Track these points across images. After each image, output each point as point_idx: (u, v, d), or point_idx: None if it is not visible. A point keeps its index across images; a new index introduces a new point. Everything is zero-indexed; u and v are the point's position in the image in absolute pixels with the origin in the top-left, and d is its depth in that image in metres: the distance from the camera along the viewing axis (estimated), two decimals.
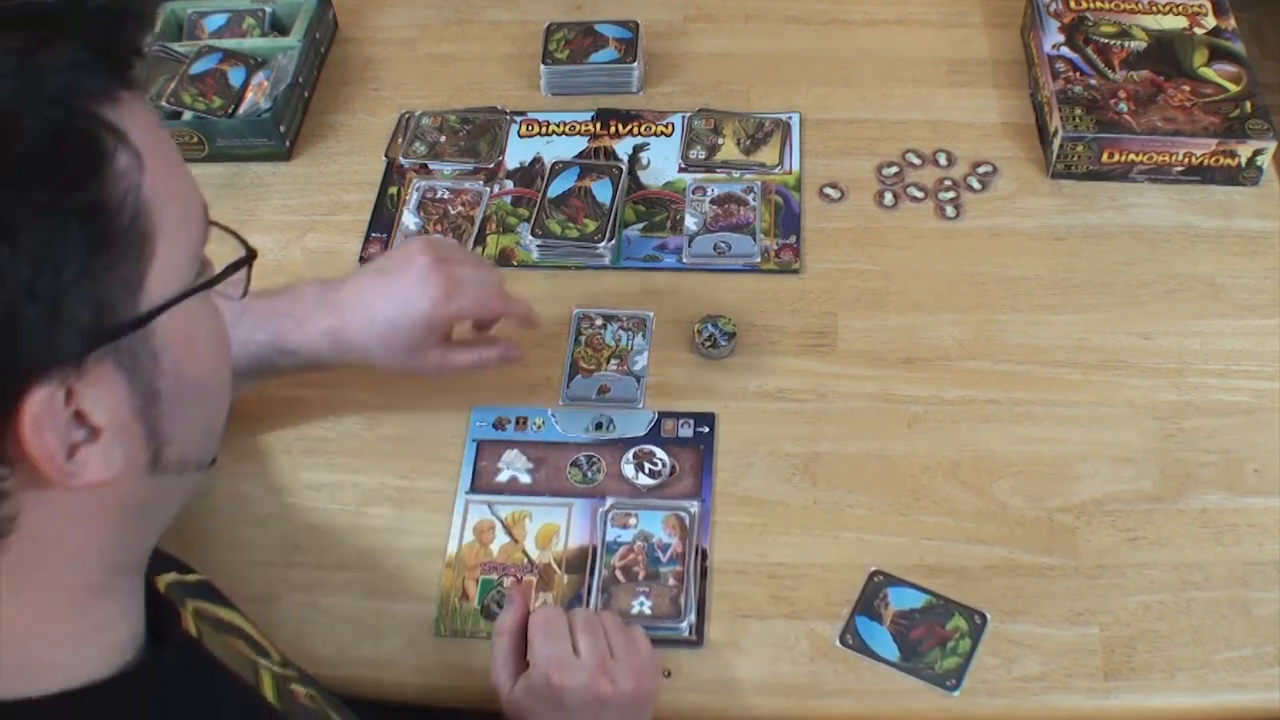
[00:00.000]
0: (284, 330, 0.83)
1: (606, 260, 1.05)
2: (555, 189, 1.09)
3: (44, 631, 0.51)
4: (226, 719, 0.59)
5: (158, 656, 0.56)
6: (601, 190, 1.08)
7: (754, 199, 1.09)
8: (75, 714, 0.51)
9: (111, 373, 0.48)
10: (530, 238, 1.05)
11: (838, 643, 0.82)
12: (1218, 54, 1.12)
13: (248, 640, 0.69)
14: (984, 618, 0.82)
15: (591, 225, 1.06)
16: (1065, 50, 1.14)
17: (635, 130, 1.16)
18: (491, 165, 1.15)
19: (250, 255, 0.57)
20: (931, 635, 0.82)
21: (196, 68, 1.18)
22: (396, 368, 0.85)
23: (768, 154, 1.14)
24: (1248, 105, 1.07)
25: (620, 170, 1.10)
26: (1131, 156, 1.07)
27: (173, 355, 0.51)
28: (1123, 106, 1.08)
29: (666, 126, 1.17)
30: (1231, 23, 1.16)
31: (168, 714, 0.55)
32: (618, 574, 0.85)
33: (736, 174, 1.12)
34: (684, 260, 1.05)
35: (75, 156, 0.46)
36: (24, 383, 0.44)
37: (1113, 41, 1.14)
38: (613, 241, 1.05)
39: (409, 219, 1.09)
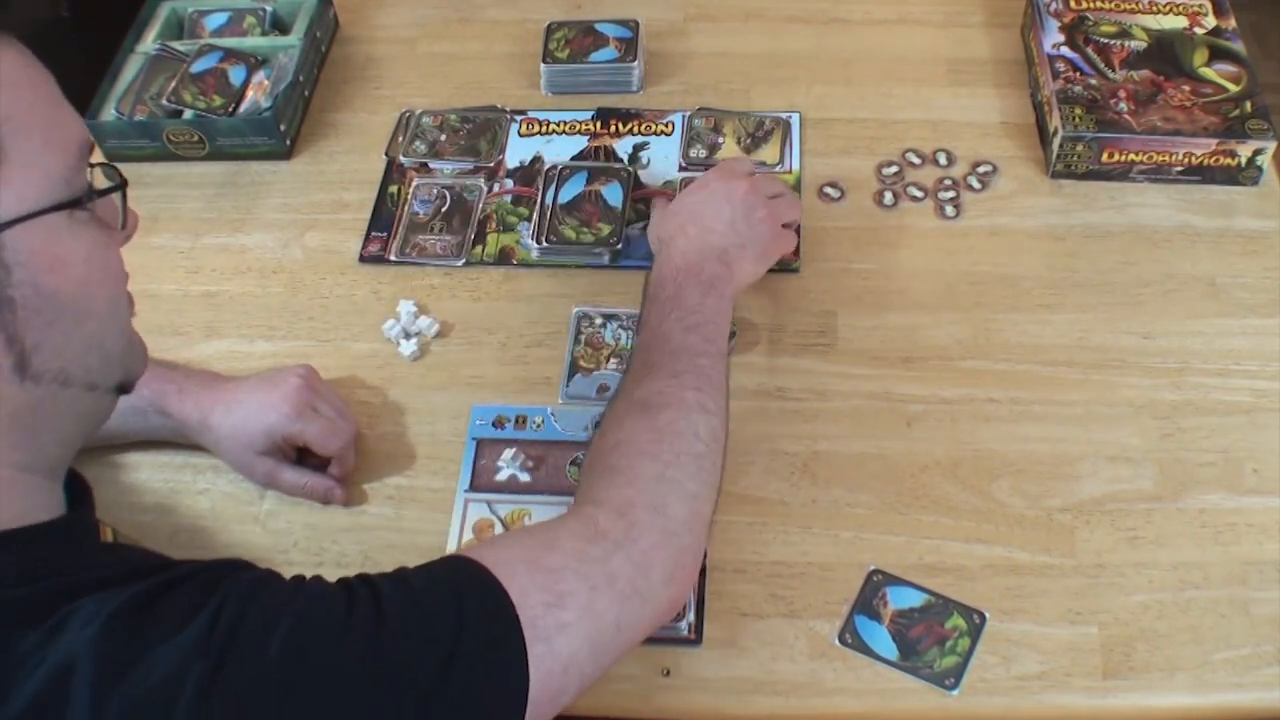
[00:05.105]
0: (166, 394, 0.89)
1: (606, 259, 1.06)
2: (566, 194, 1.09)
3: None
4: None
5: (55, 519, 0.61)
6: (612, 194, 1.08)
7: None
8: None
9: None
10: (540, 242, 1.05)
11: (836, 641, 0.82)
12: (1218, 54, 1.12)
13: None
14: (983, 617, 0.82)
15: (606, 229, 1.06)
16: (1065, 50, 1.14)
17: (635, 129, 1.17)
18: (491, 164, 1.15)
19: (121, 183, 0.63)
20: (930, 634, 0.82)
21: (197, 66, 1.18)
22: (234, 463, 0.91)
23: (768, 153, 1.14)
24: (1248, 105, 1.07)
25: (629, 173, 1.10)
26: (1131, 156, 1.07)
27: (29, 269, 0.56)
28: (1123, 106, 1.08)
29: (667, 125, 1.17)
30: (1232, 23, 1.16)
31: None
32: None
33: None
34: None
35: None
36: None
37: (1113, 41, 1.14)
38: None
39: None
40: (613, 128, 1.17)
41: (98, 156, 0.63)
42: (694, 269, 0.89)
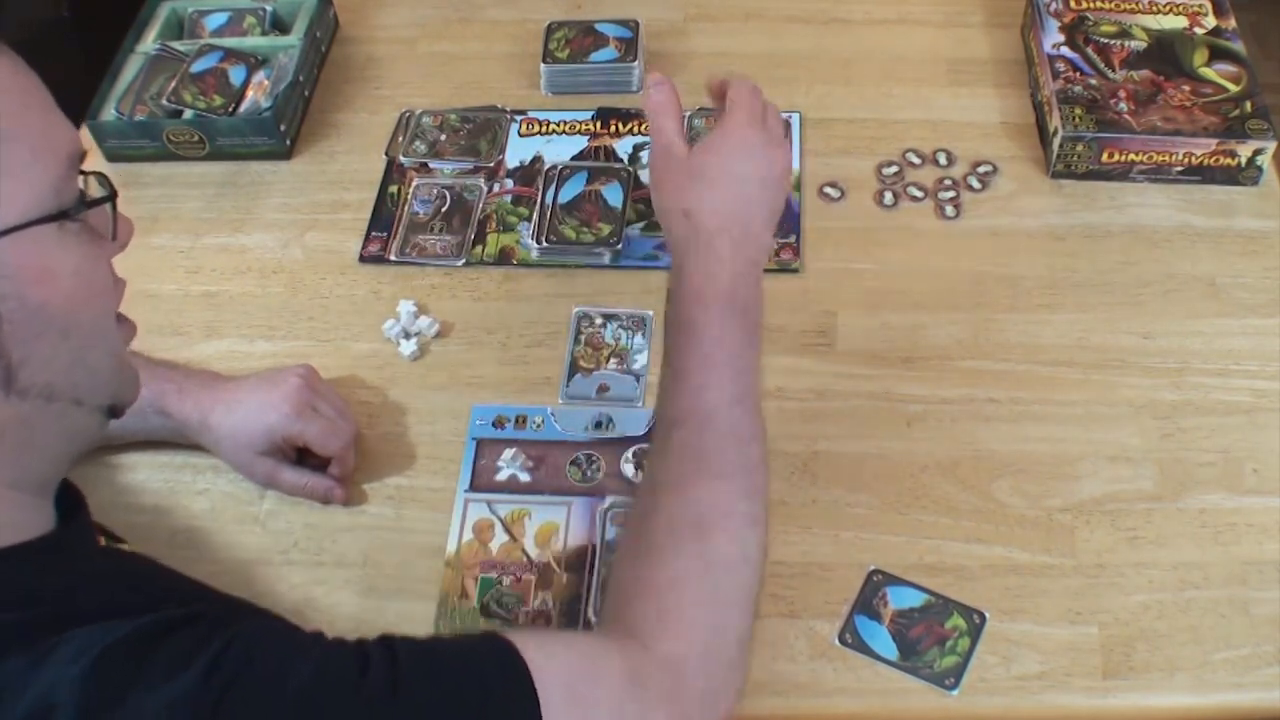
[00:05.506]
0: (166, 394, 0.89)
1: (606, 259, 1.06)
2: (566, 194, 1.09)
3: None
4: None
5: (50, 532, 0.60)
6: (612, 194, 1.09)
7: None
8: None
9: None
10: (540, 242, 1.05)
11: (836, 641, 0.82)
12: (1218, 54, 1.13)
13: None
14: (983, 617, 0.82)
15: (606, 229, 1.06)
16: (1065, 50, 1.14)
17: (635, 129, 1.16)
18: (492, 164, 1.15)
19: (111, 194, 0.62)
20: (930, 634, 0.82)
21: (197, 66, 1.18)
22: (234, 463, 0.90)
23: None
24: (1248, 105, 1.07)
25: (629, 173, 1.10)
26: (1131, 156, 1.07)
27: (15, 281, 0.55)
28: (1123, 106, 1.08)
29: None
30: (1232, 23, 1.16)
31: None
32: None
33: None
34: None
35: None
36: None
37: (1113, 41, 1.14)
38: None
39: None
40: (613, 128, 1.17)
41: (90, 164, 0.62)
42: (733, 295, 0.76)
